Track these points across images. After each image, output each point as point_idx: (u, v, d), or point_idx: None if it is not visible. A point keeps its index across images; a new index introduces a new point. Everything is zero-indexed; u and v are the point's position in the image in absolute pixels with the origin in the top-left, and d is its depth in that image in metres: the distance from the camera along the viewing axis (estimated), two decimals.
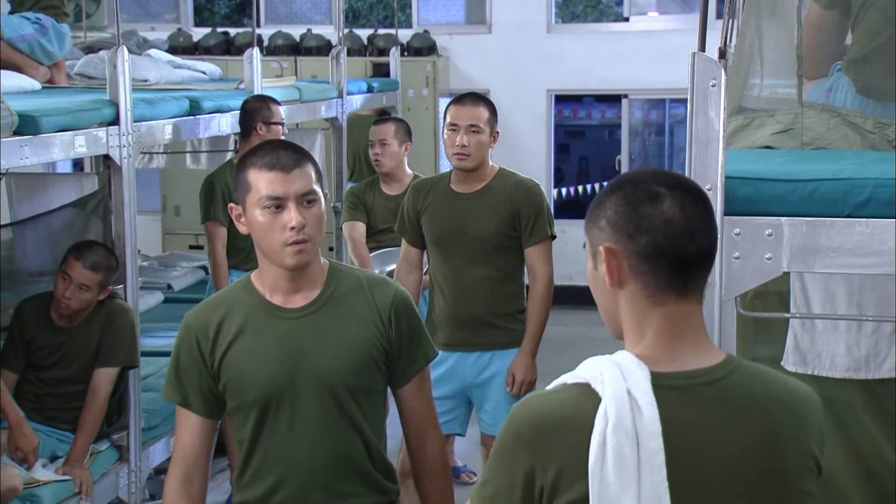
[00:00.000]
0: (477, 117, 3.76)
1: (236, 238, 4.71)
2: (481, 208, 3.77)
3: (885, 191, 2.23)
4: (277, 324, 2.29)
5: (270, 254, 2.25)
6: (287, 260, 2.22)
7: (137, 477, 4.18)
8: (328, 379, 2.28)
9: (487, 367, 3.80)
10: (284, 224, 2.20)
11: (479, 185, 3.81)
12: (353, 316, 2.31)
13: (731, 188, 2.28)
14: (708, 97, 2.26)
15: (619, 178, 1.69)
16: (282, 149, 2.26)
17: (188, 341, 2.32)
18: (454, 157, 3.77)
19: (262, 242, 2.24)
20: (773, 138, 2.82)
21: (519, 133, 8.47)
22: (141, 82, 5.12)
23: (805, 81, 3.03)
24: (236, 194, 2.30)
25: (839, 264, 2.23)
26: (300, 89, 5.99)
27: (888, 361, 3.25)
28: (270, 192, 2.21)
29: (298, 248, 2.22)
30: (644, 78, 8.26)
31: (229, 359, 2.29)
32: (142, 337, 4.70)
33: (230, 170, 4.75)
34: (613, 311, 1.65)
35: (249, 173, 2.25)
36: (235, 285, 2.36)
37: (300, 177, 2.23)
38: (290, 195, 2.21)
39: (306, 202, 2.23)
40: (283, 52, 8.14)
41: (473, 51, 8.52)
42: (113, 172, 4.08)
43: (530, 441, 1.57)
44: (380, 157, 4.98)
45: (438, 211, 3.80)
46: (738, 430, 1.57)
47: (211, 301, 2.36)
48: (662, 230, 1.57)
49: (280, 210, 2.21)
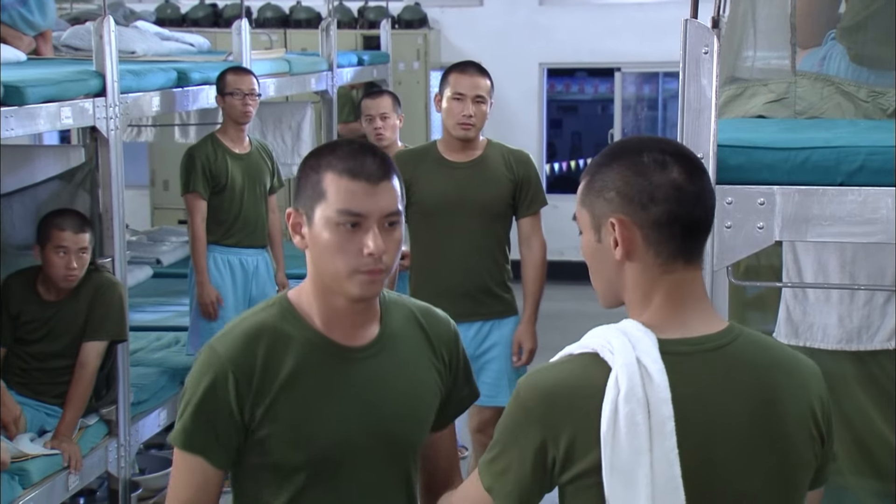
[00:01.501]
0: (482, 87, 3.75)
1: (218, 211, 4.66)
2: (481, 177, 3.76)
3: (877, 159, 2.20)
4: (341, 367, 1.82)
5: (334, 279, 1.78)
6: (353, 290, 1.77)
7: (127, 451, 4.17)
8: (399, 437, 1.86)
9: (488, 338, 3.79)
10: (360, 248, 1.75)
11: (475, 153, 3.80)
12: (415, 356, 1.89)
13: (723, 157, 2.25)
14: (700, 64, 2.23)
15: (613, 147, 1.67)
16: (368, 154, 1.80)
17: (219, 379, 1.77)
18: (458, 127, 3.72)
19: (326, 264, 1.78)
20: (765, 108, 2.80)
21: (511, 107, 8.43)
22: (128, 54, 5.06)
23: (798, 50, 3.01)
24: (300, 198, 1.82)
25: (831, 233, 2.21)
26: (290, 62, 5.93)
27: (880, 333, 3.25)
28: (351, 207, 1.75)
29: (371, 279, 1.77)
30: (637, 51, 8.22)
31: (278, 408, 1.78)
32: (130, 312, 4.67)
33: (211, 143, 4.71)
34: (616, 282, 1.64)
35: (326, 177, 1.77)
36: (271, 311, 1.84)
37: (387, 192, 1.78)
38: (373, 213, 1.76)
39: (388, 224, 1.79)
40: (273, 25, 8.07)
41: (465, 24, 8.46)
42: (100, 144, 4.04)
43: (541, 414, 1.57)
44: (382, 131, 4.92)
45: (435, 180, 3.75)
46: (742, 395, 1.58)
47: (246, 331, 1.81)
48: (676, 198, 1.57)
49: (357, 229, 1.76)
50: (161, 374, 4.68)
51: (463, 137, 3.75)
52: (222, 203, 4.67)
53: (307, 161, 1.84)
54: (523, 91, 8.48)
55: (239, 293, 4.75)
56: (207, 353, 1.81)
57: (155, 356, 5.01)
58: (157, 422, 4.53)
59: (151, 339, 5.27)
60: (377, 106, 4.91)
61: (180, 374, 4.80)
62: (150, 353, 5.05)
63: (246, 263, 4.77)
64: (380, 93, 5.13)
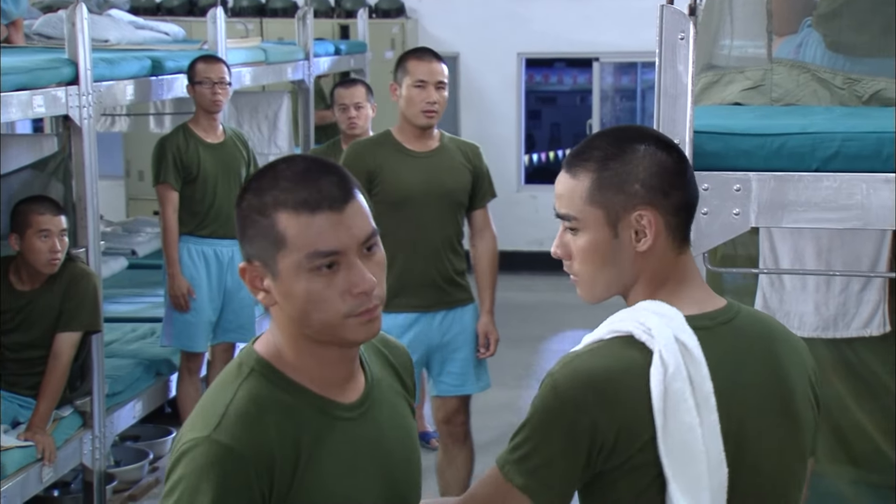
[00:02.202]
0: (443, 73, 3.71)
1: (191, 202, 4.63)
2: (444, 166, 3.73)
3: (852, 145, 2.21)
4: (347, 430, 1.53)
5: (324, 330, 1.48)
6: (353, 335, 1.48)
7: (102, 443, 4.14)
8: (409, 494, 1.64)
9: (451, 327, 3.77)
10: (347, 288, 1.45)
11: (434, 143, 3.76)
12: (395, 398, 1.64)
13: (700, 143, 2.25)
14: (676, 50, 2.22)
15: (608, 139, 1.65)
16: (319, 174, 1.47)
17: (238, 479, 1.42)
18: (422, 115, 3.67)
19: (310, 317, 1.47)
20: (742, 95, 2.80)
21: (489, 97, 8.41)
22: (101, 42, 5.01)
23: (775, 38, 3.01)
24: (251, 248, 1.49)
25: (807, 219, 2.21)
26: (266, 51, 5.89)
27: (856, 320, 3.26)
28: (321, 247, 1.44)
29: (370, 319, 1.48)
30: (615, 41, 8.22)
31: (303, 495, 1.48)
32: (105, 303, 4.64)
33: (183, 133, 4.66)
34: (628, 274, 1.65)
35: (279, 219, 1.45)
36: (253, 380, 1.50)
37: (357, 214, 1.47)
38: (350, 246, 1.45)
39: (367, 249, 1.48)
40: (248, 14, 8.01)
41: (443, 13, 8.43)
42: (73, 133, 4.00)
43: (588, 402, 1.55)
44: (356, 121, 4.88)
45: (400, 170, 3.70)
46: (755, 365, 1.63)
47: (247, 414, 1.46)
48: (684, 183, 1.63)
49: (336, 269, 1.45)
50: (136, 365, 4.65)
51: (426, 125, 3.70)
52: (195, 193, 4.63)
53: (247, 201, 1.48)
54: (502, 81, 8.46)
55: (213, 285, 4.72)
56: (215, 452, 1.42)
57: (130, 347, 4.97)
58: (133, 413, 4.50)
59: (127, 330, 5.23)
60: (351, 95, 4.88)
61: (156, 366, 4.77)
62: (125, 345, 5.02)
63: (220, 254, 4.74)
64: (353, 82, 5.10)
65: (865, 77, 2.71)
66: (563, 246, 1.68)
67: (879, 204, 2.18)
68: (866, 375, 3.44)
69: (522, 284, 7.76)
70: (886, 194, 2.18)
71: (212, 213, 4.70)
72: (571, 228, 1.65)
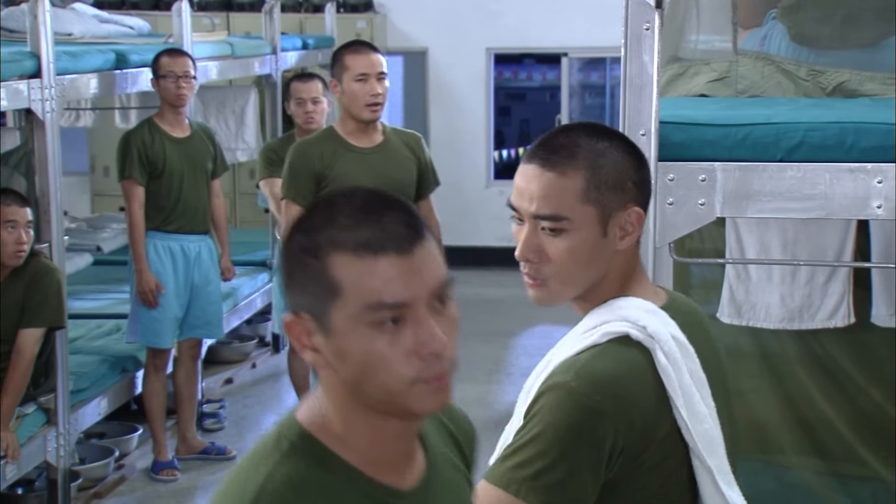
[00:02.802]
0: (382, 64, 3.65)
1: (157, 197, 4.58)
2: (391, 161, 3.69)
3: (816, 135, 2.22)
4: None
5: (385, 398, 1.22)
6: (420, 406, 1.22)
7: (66, 440, 4.09)
8: None
9: None
10: (415, 348, 1.20)
11: (378, 137, 3.71)
12: (457, 475, 1.39)
13: (665, 133, 2.25)
14: (642, 41, 2.22)
15: (585, 135, 1.60)
16: (383, 208, 1.23)
17: None
18: (367, 109, 3.59)
19: (369, 382, 1.21)
20: (707, 86, 2.80)
21: (458, 93, 8.40)
22: (65, 36, 4.96)
23: (740, 30, 3.02)
24: (299, 297, 1.24)
25: (771, 208, 2.22)
26: (232, 45, 5.85)
27: (821, 312, 3.28)
28: (386, 297, 1.19)
29: (440, 387, 1.22)
30: (584, 36, 8.23)
31: None
32: (70, 299, 4.59)
33: (148, 127, 4.61)
34: (602, 271, 1.62)
35: (333, 263, 1.20)
36: (295, 458, 1.25)
37: (427, 258, 1.21)
38: (419, 296, 1.20)
39: (439, 300, 1.22)
40: (215, 8, 7.95)
41: (411, 7, 8.40)
42: (35, 127, 3.95)
43: (612, 408, 1.52)
44: (314, 115, 4.85)
45: (350, 169, 3.63)
46: (704, 344, 1.66)
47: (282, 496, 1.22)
48: (649, 178, 1.66)
49: (401, 324, 1.20)
50: (102, 362, 4.61)
51: (372, 119, 3.63)
52: (161, 188, 4.59)
53: (296, 240, 1.23)
54: (470, 76, 8.45)
55: (180, 280, 4.68)
56: None
57: (95, 344, 4.93)
58: (98, 410, 4.46)
59: (92, 326, 5.18)
60: (308, 90, 4.83)
61: (121, 362, 4.72)
62: (90, 341, 4.97)
63: (187, 250, 4.70)
64: (310, 76, 5.05)
65: (829, 69, 2.72)
66: (537, 249, 1.57)
67: (842, 193, 2.19)
68: (832, 367, 3.47)
69: (492, 280, 7.76)
70: (849, 184, 2.20)
71: (178, 208, 4.65)
72: (553, 229, 1.55)
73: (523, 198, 1.58)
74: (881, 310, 3.26)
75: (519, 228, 1.60)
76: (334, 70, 3.69)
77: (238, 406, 5.54)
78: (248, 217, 7.61)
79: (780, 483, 3.50)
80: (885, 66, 2.74)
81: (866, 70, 2.72)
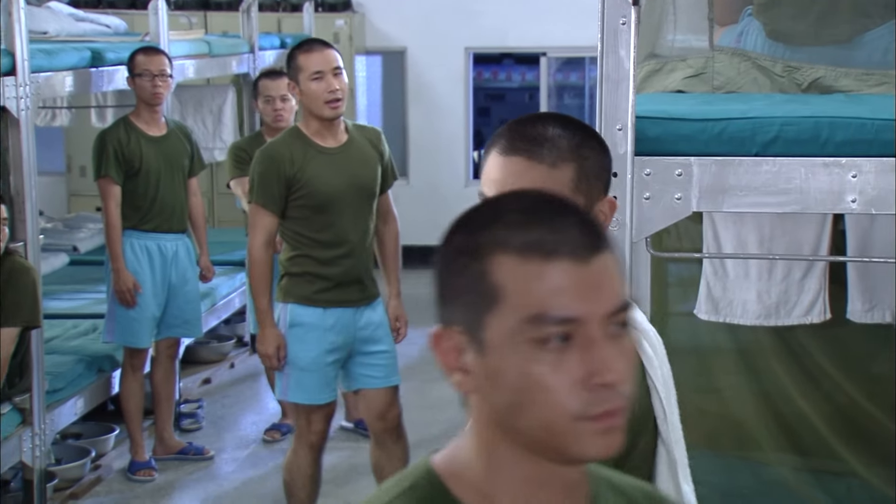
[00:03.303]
0: (337, 59, 3.58)
1: (133, 196, 4.55)
2: (358, 159, 3.67)
3: (791, 129, 2.23)
4: None
5: (543, 433, 1.03)
6: (578, 447, 1.03)
7: (42, 440, 4.06)
8: None
9: (372, 320, 3.69)
10: (585, 375, 1.01)
11: (343, 136, 3.67)
12: None
13: (641, 128, 2.25)
14: (618, 35, 2.22)
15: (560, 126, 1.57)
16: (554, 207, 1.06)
17: None
18: (327, 107, 3.52)
19: (524, 411, 1.03)
20: (684, 83, 2.81)
21: (437, 92, 8.40)
22: (40, 34, 4.92)
23: (716, 28, 3.03)
24: (450, 307, 1.06)
25: (747, 203, 2.23)
26: (209, 43, 5.83)
27: (797, 308, 3.30)
28: (555, 309, 1.01)
29: (610, 427, 1.03)
30: (563, 36, 8.24)
31: None
32: (46, 299, 4.55)
33: (124, 126, 4.57)
34: None
35: (495, 263, 1.03)
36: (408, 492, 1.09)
37: (609, 272, 1.04)
38: (594, 314, 1.02)
39: (614, 325, 1.04)
40: (192, 8, 7.92)
41: (390, 7, 8.39)
42: (10, 125, 3.92)
43: None
44: (282, 113, 4.80)
45: (321, 172, 3.57)
46: None
47: None
48: None
49: (569, 344, 1.02)
50: (78, 361, 4.57)
51: (334, 116, 3.57)
52: (137, 187, 4.56)
53: (454, 240, 1.07)
54: (450, 76, 8.45)
55: (157, 280, 4.65)
56: None
57: (71, 344, 4.89)
58: (74, 410, 4.42)
59: (68, 326, 5.14)
60: (276, 87, 4.77)
61: (98, 362, 4.69)
62: (66, 341, 4.93)
63: (164, 249, 4.67)
64: (279, 73, 4.96)
65: (804, 65, 2.74)
66: None
67: (817, 188, 2.21)
68: (808, 363, 3.49)
69: None
70: (824, 178, 2.21)
71: (155, 206, 4.62)
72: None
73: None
74: (856, 305, 3.28)
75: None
76: (290, 72, 3.62)
77: (216, 406, 5.52)
78: (227, 217, 7.58)
79: (757, 479, 3.52)
80: (859, 63, 2.76)
81: (841, 66, 2.74)
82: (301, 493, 3.69)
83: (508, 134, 1.54)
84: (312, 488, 3.70)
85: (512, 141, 1.54)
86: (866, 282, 3.25)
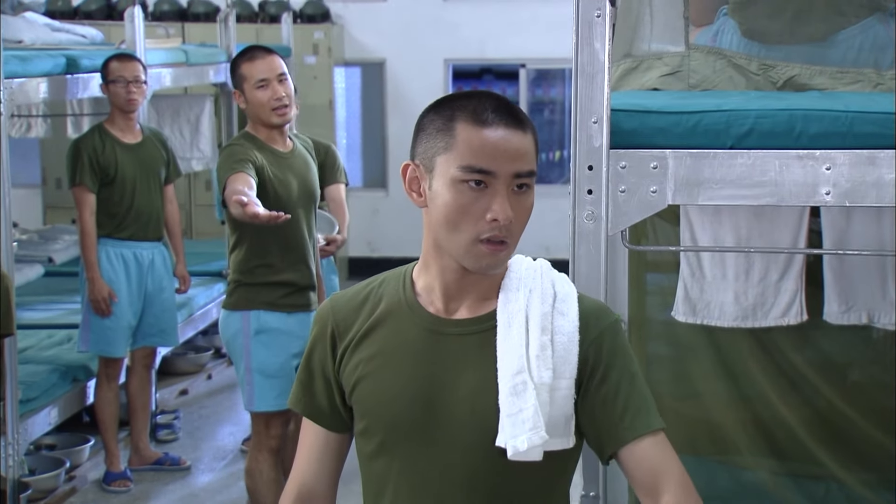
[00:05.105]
0: (280, 65, 3.58)
1: (108, 204, 4.51)
2: (305, 164, 3.68)
3: (766, 122, 2.23)
4: None
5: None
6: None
7: (15, 450, 4.00)
8: None
9: None
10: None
11: (289, 141, 3.67)
12: None
13: (616, 121, 2.24)
14: (593, 28, 2.22)
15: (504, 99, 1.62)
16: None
17: None
18: (275, 114, 3.51)
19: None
20: (660, 81, 2.81)
21: (416, 103, 8.36)
22: (15, 43, 4.88)
23: (692, 28, 3.03)
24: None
25: (722, 196, 2.22)
26: (187, 52, 5.80)
27: (774, 310, 3.29)
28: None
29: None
30: (542, 47, 8.27)
31: None
32: (21, 310, 4.51)
33: (98, 133, 4.54)
34: None
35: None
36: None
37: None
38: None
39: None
40: (170, 18, 7.90)
41: (368, 19, 8.40)
42: None
43: None
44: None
45: (281, 175, 3.57)
46: None
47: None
48: None
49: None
50: (52, 371, 4.52)
51: (282, 123, 3.56)
52: (112, 195, 4.52)
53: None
54: (429, 88, 8.44)
55: (133, 288, 4.61)
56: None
57: (46, 353, 4.84)
58: (48, 420, 4.37)
59: (43, 336, 5.09)
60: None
61: (72, 372, 4.64)
62: (40, 351, 4.89)
63: (140, 257, 4.63)
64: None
65: (779, 63, 2.74)
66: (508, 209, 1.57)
67: (791, 180, 2.20)
68: (785, 365, 3.48)
69: None
70: (798, 171, 2.20)
71: (131, 214, 4.59)
72: (524, 186, 1.57)
73: (502, 158, 1.55)
74: (833, 307, 3.27)
75: (475, 195, 1.55)
76: (234, 81, 3.60)
77: (193, 417, 5.47)
78: (205, 229, 7.55)
79: (735, 483, 3.50)
80: (834, 61, 2.77)
81: (816, 64, 2.74)
82: (266, 498, 3.66)
83: (485, 106, 1.58)
84: (277, 491, 3.67)
85: (492, 113, 1.59)
86: (843, 283, 3.25)
